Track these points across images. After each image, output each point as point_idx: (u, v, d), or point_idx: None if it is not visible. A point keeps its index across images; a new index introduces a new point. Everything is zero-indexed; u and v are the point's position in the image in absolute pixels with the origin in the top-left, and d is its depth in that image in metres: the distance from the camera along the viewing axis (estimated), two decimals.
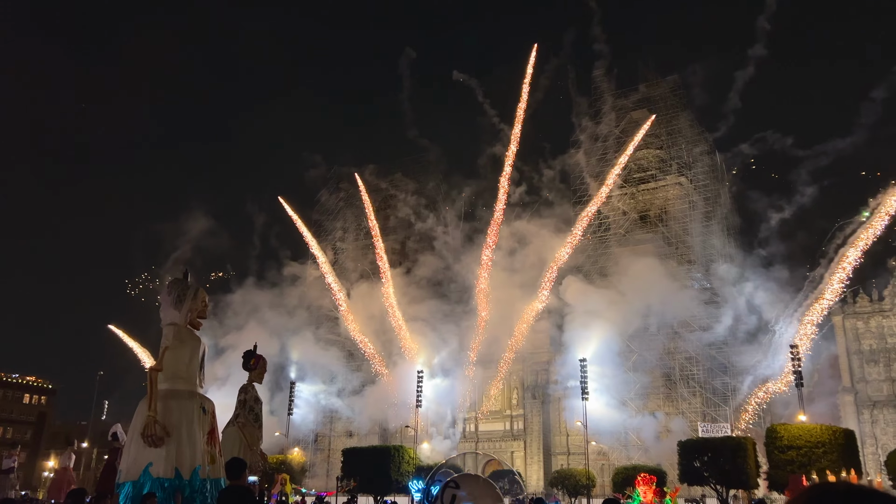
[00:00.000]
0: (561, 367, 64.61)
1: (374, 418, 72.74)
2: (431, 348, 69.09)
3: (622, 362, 64.71)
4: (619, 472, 49.39)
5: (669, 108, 71.17)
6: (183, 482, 9.75)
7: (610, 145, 72.00)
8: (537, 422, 70.26)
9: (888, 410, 56.67)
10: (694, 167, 69.54)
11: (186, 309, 10.78)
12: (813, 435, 40.90)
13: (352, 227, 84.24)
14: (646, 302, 62.67)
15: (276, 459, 55.73)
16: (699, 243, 65.71)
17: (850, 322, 59.78)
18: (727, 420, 58.02)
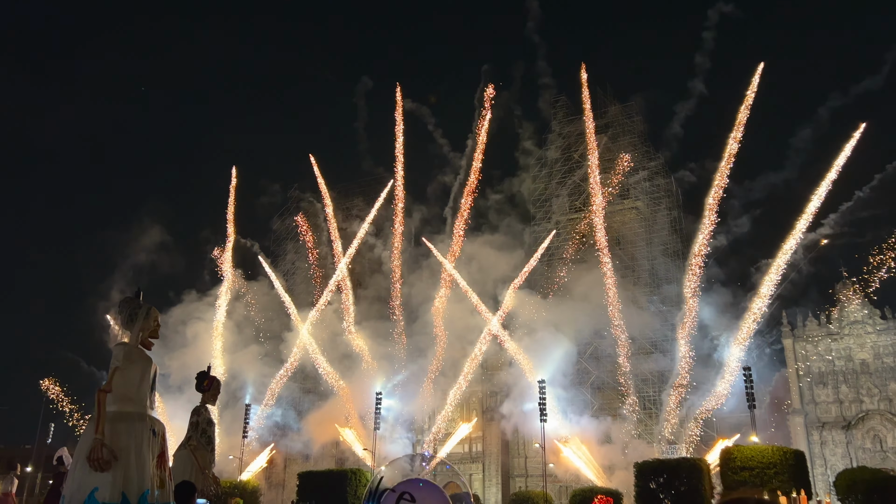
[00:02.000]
0: (519, 388, 64.76)
1: (329, 441, 71.72)
2: (388, 370, 68.65)
3: (580, 383, 65.30)
4: (577, 495, 49.49)
5: (626, 132, 72.89)
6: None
7: (558, 170, 73.50)
8: (496, 444, 70.14)
9: (836, 432, 58.12)
10: (650, 192, 71.12)
11: (138, 328, 10.52)
12: (765, 456, 41.64)
13: (303, 253, 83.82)
14: (603, 323, 63.61)
15: (229, 483, 54.45)
16: (652, 266, 67.05)
17: (799, 345, 61.36)
18: (682, 441, 58.82)
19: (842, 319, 60.60)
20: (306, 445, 72.70)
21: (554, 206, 73.74)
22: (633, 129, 73.38)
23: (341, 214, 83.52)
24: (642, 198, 71.27)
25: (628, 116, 73.93)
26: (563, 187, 73.90)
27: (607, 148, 74.29)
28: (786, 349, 61.76)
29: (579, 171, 74.67)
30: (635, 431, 61.38)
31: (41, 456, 78.91)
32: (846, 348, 59.79)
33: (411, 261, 75.46)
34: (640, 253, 68.60)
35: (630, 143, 72.66)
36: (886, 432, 56.49)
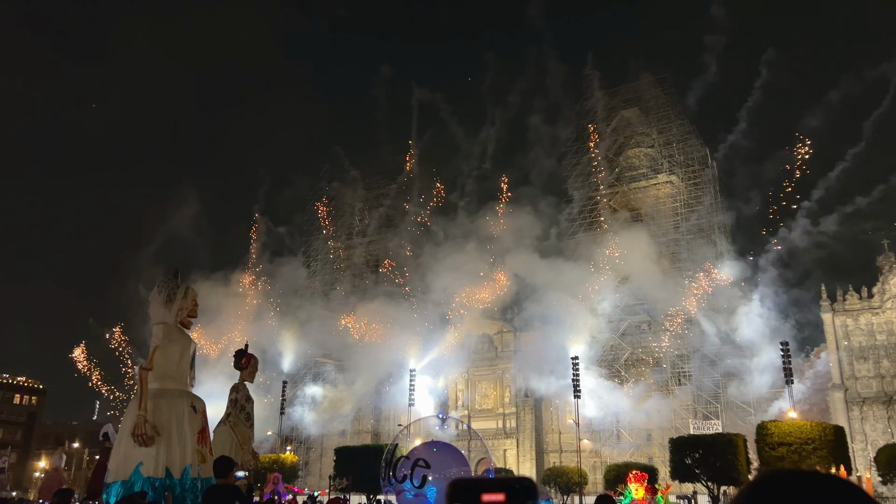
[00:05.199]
0: (554, 363, 64.84)
1: (366, 417, 72.91)
2: (422, 349, 69.18)
3: (615, 359, 65.09)
4: (611, 470, 49.52)
5: (660, 106, 71.56)
6: (173, 481, 9.75)
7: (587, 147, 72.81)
8: (530, 420, 70.46)
9: (877, 407, 57.10)
10: (685, 166, 69.90)
11: (176, 308, 10.78)
12: (803, 432, 41.12)
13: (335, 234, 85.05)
14: (638, 298, 63.21)
15: (268, 459, 55.65)
16: (688, 241, 66.12)
17: (839, 319, 60.15)
18: (718, 417, 58.38)
19: (883, 293, 59.20)
20: (342, 421, 73.96)
21: (587, 181, 72.98)
22: (666, 101, 71.97)
23: (367, 198, 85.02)
24: (677, 171, 70.11)
25: (662, 89, 72.43)
26: (595, 163, 73.00)
27: (640, 121, 73.26)
28: (825, 323, 60.60)
29: (614, 145, 73.77)
30: (670, 407, 61.07)
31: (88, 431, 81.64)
32: (888, 322, 58.45)
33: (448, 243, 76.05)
34: (676, 227, 67.58)
35: (664, 116, 71.38)
36: None
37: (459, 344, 71.59)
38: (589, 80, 74.89)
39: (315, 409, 74.30)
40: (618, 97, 74.81)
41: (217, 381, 53.49)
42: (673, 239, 66.66)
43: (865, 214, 62.19)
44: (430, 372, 70.23)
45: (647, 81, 72.60)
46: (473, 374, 73.18)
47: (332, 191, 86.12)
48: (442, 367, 70.72)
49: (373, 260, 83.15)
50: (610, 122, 74.16)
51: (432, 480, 13.84)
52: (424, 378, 69.05)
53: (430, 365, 69.69)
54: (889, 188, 61.56)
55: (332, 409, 73.59)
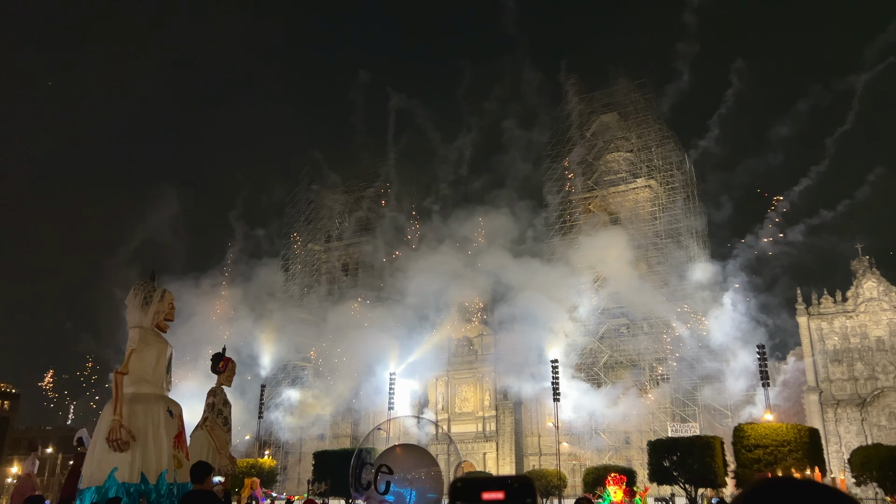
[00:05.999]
0: (533, 366, 65.07)
1: (345, 421, 72.58)
2: (402, 352, 69.10)
3: (594, 363, 65.45)
4: (590, 472, 49.74)
5: (639, 111, 72.17)
6: (149, 487, 9.62)
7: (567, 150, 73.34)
8: (509, 423, 70.59)
9: (851, 409, 57.95)
10: (664, 171, 70.52)
11: (153, 311, 10.65)
12: (779, 434, 41.60)
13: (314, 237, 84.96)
14: (617, 302, 63.67)
15: (246, 463, 55.18)
16: (666, 245, 66.69)
17: (814, 323, 61.00)
18: (696, 420, 58.90)
19: (857, 297, 60.15)
20: (321, 425, 73.57)
21: (565, 185, 73.38)
22: (645, 106, 72.58)
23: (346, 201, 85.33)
24: (655, 176, 70.68)
25: (641, 94, 72.97)
26: (575, 166, 73.44)
27: (618, 126, 73.88)
28: (801, 327, 61.43)
29: (593, 149, 74.27)
30: (648, 410, 61.50)
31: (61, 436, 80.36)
32: (861, 325, 59.39)
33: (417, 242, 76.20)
34: (654, 231, 68.13)
35: (643, 121, 71.98)
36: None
37: (439, 347, 71.68)
38: (567, 86, 75.49)
39: (293, 413, 73.82)
40: (596, 102, 75.40)
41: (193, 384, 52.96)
42: (651, 243, 67.18)
43: (830, 225, 63.99)
44: (409, 375, 70.14)
45: (626, 86, 73.24)
46: (453, 377, 73.22)
47: (312, 194, 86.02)
48: (422, 370, 70.68)
49: (352, 263, 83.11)
50: (589, 127, 74.66)
51: (396, 484, 13.80)
52: (404, 381, 68.95)
53: (409, 368, 69.61)
54: (854, 203, 63.52)
55: (311, 413, 73.16)
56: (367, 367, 68.78)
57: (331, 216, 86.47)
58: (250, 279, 76.72)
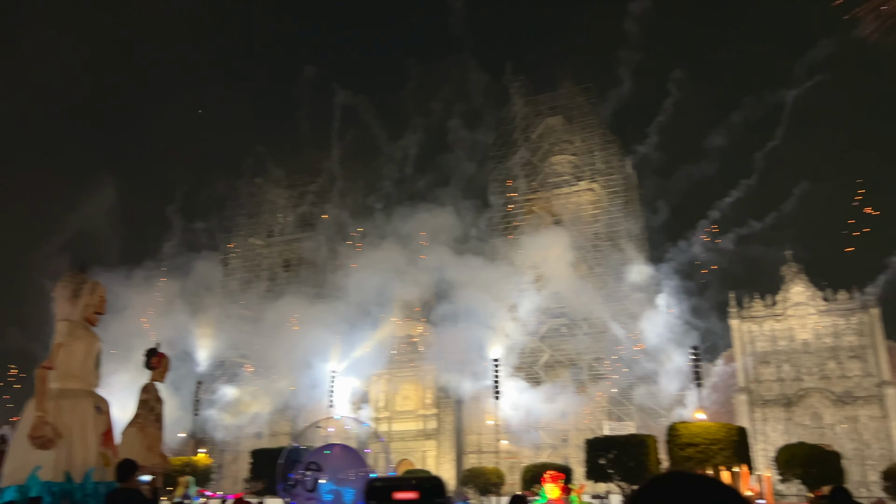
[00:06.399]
0: (475, 365, 65.47)
1: (284, 419, 71.57)
2: (343, 350, 68.53)
3: (534, 362, 66.31)
4: (529, 470, 50.35)
5: (584, 115, 73.42)
6: (74, 486, 9.26)
7: (513, 151, 74.13)
8: (450, 421, 70.88)
9: (778, 409, 60.28)
10: (606, 175, 71.93)
11: (83, 304, 10.27)
12: (710, 433, 42.93)
13: (255, 232, 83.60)
14: (557, 302, 64.65)
15: (180, 462, 53.85)
16: (607, 247, 68.10)
17: (746, 325, 63.21)
18: (632, 418, 60.33)
19: (786, 301, 62.60)
20: (259, 423, 72.33)
21: (508, 187, 74.08)
22: (590, 111, 73.84)
23: (289, 196, 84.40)
24: (598, 179, 72.02)
25: (586, 98, 74.22)
26: (519, 168, 74.20)
27: (564, 129, 75.02)
28: (732, 329, 63.57)
29: (538, 151, 75.16)
30: (586, 408, 62.65)
31: None
32: (789, 329, 61.84)
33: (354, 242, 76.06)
34: (595, 234, 69.42)
35: (587, 125, 73.24)
36: (824, 409, 58.82)
37: (381, 344, 71.37)
38: (514, 88, 76.23)
39: (230, 410, 72.39)
40: (542, 104, 76.33)
41: (124, 379, 51.33)
42: (592, 245, 68.44)
43: (760, 235, 66.89)
44: (351, 373, 69.63)
45: (571, 90, 74.36)
46: (395, 374, 73.06)
47: (254, 188, 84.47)
48: (363, 367, 70.26)
49: (294, 259, 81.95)
50: (535, 129, 75.55)
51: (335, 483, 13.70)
52: (345, 379, 68.43)
53: (351, 366, 69.09)
54: (781, 214, 66.53)
55: (248, 411, 71.87)
56: (307, 364, 67.95)
57: (273, 211, 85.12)
58: (188, 273, 74.80)
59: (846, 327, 60.10)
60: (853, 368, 59.06)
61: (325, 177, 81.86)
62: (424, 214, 70.37)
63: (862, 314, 59.63)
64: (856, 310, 59.92)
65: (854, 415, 57.91)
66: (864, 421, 57.52)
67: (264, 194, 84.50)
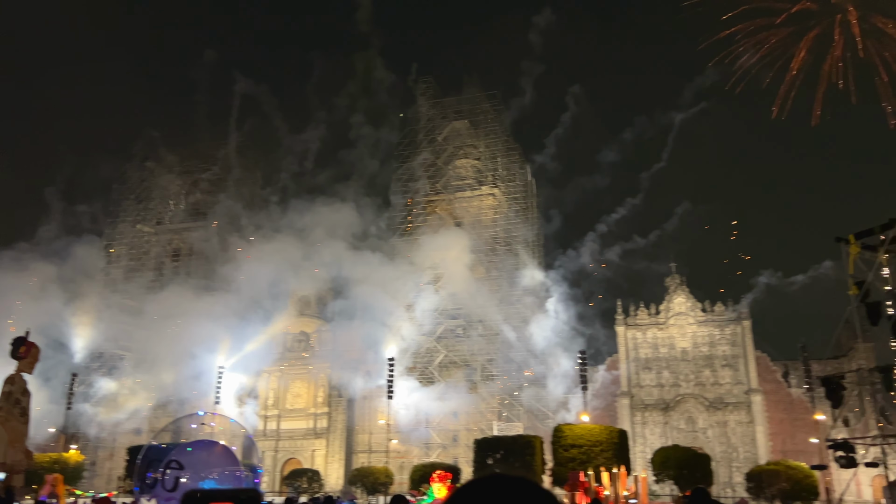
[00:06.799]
0: (370, 364, 65.14)
1: (166, 415, 68.43)
2: (233, 345, 66.36)
3: (429, 362, 66.67)
4: (418, 470, 50.60)
5: (489, 121, 74.61)
6: None
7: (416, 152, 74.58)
8: (341, 420, 70.08)
9: (656, 413, 63.42)
10: (507, 181, 73.40)
11: None
12: (593, 435, 44.69)
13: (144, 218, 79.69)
14: (456, 304, 65.34)
15: (48, 458, 50.49)
16: (505, 251, 69.49)
17: (630, 332, 66.15)
18: (520, 420, 61.80)
19: (668, 310, 65.99)
20: (138, 419, 68.86)
21: (412, 186, 74.19)
22: (494, 117, 75.07)
23: (182, 184, 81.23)
24: (499, 185, 73.36)
25: (491, 105, 75.39)
26: (423, 169, 74.44)
27: (469, 133, 75.97)
28: (618, 336, 66.34)
29: (443, 154, 75.65)
30: (477, 409, 63.62)
31: None
32: (670, 337, 65.24)
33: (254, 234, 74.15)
34: (494, 238, 70.63)
35: (491, 131, 74.46)
36: (698, 414, 62.43)
37: (274, 340, 69.73)
38: (418, 90, 76.48)
39: (107, 404, 68.53)
40: (448, 108, 76.91)
41: None
42: (490, 248, 69.64)
43: (643, 251, 70.76)
44: (240, 369, 67.53)
45: (478, 96, 75.39)
46: (287, 371, 71.49)
47: (145, 173, 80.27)
48: (254, 363, 68.35)
49: (185, 249, 78.56)
50: (441, 132, 76.04)
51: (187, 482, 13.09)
52: (234, 375, 66.33)
53: (241, 361, 66.99)
54: (664, 233, 70.67)
55: (127, 406, 68.26)
56: (193, 358, 65.30)
57: (164, 198, 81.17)
58: (66, 258, 70.19)
59: (721, 337, 64.07)
60: (725, 376, 63.02)
61: (221, 165, 79.05)
62: (323, 208, 69.34)
63: (735, 325, 63.73)
64: (730, 321, 63.97)
65: (724, 420, 61.78)
66: (732, 426, 61.47)
67: (155, 179, 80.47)
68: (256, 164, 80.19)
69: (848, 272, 25.00)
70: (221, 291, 67.29)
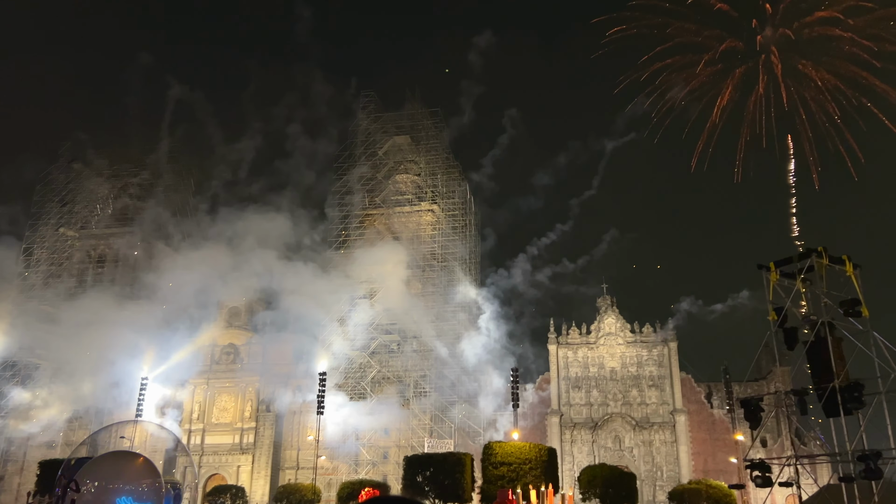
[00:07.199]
0: (300, 378, 63.98)
1: (82, 428, 65.45)
2: (158, 356, 64.08)
3: (362, 377, 65.92)
4: (346, 487, 49.83)
5: (430, 137, 74.90)
6: None
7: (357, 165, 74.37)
8: (269, 435, 68.41)
9: (585, 432, 64.39)
10: (447, 198, 73.70)
11: None
12: (522, 453, 44.94)
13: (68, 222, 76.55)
14: (391, 319, 64.93)
15: None
16: (442, 268, 69.58)
17: (562, 351, 67.12)
18: (452, 437, 61.66)
19: (599, 330, 67.30)
20: (53, 431, 65.56)
21: (349, 199, 73.62)
22: (435, 134, 75.41)
23: (110, 188, 78.58)
24: (439, 201, 73.57)
25: (433, 122, 75.72)
26: (361, 182, 74.00)
27: (410, 149, 76.09)
28: (551, 354, 67.21)
29: (383, 168, 75.41)
30: (408, 426, 63.18)
31: None
32: (600, 356, 66.51)
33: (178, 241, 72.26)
34: (431, 254, 70.64)
35: (432, 148, 74.73)
36: (625, 433, 63.69)
37: (201, 352, 67.77)
38: (358, 104, 76.31)
39: (19, 416, 65.02)
40: (390, 122, 76.84)
41: None
42: (428, 264, 69.61)
43: (573, 275, 72.50)
44: (165, 381, 65.24)
45: (419, 112, 75.64)
46: (214, 384, 69.46)
47: (71, 174, 77.07)
48: (179, 375, 66.17)
49: (110, 255, 75.63)
50: (381, 146, 75.85)
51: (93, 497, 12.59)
52: (158, 387, 64.01)
53: (165, 373, 64.70)
54: (592, 259, 72.60)
55: (41, 417, 64.89)
56: (114, 369, 62.65)
57: (91, 201, 77.97)
58: None
59: (648, 358, 65.73)
60: (652, 396, 64.59)
61: (151, 171, 76.82)
62: (255, 216, 68.05)
63: (662, 347, 65.50)
64: (657, 343, 65.72)
65: (650, 439, 63.21)
66: (657, 445, 62.95)
67: (82, 182, 77.30)
68: (189, 171, 78.13)
69: (768, 298, 26.01)
70: (146, 300, 65.01)
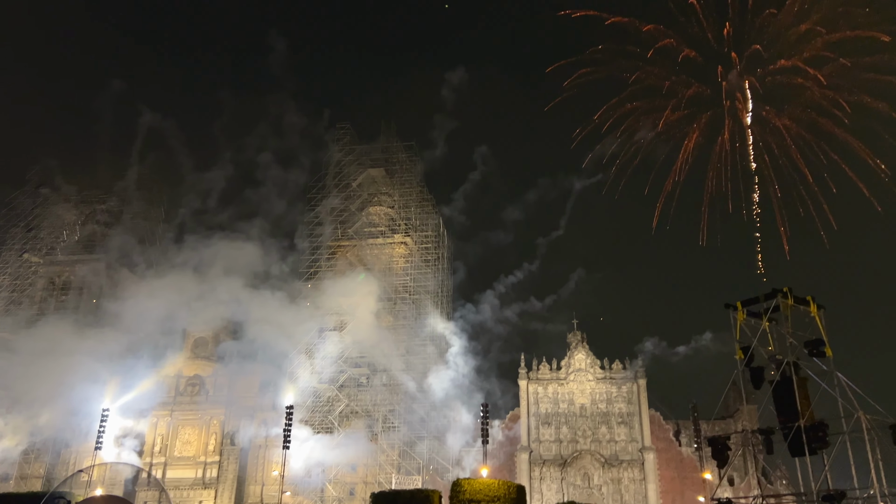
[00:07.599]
0: (266, 412, 62.85)
1: (38, 461, 63.38)
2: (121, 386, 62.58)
3: (329, 411, 64.99)
4: None
5: (404, 171, 75.24)
6: None
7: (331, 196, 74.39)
8: (233, 470, 66.82)
9: (554, 468, 63.94)
10: (420, 230, 73.83)
11: None
12: (491, 489, 44.33)
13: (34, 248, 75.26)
14: (361, 352, 64.26)
15: None
16: (412, 302, 69.33)
17: (532, 387, 66.89)
18: (420, 473, 60.81)
19: (569, 366, 67.30)
20: (6, 463, 63.31)
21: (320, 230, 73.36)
22: (410, 167, 75.75)
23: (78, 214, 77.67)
24: (412, 234, 73.61)
25: (408, 155, 76.07)
26: (334, 213, 73.87)
27: (384, 181, 76.31)
28: (521, 390, 66.92)
29: (357, 200, 75.42)
30: (376, 462, 62.22)
31: None
32: (570, 392, 66.39)
33: None
34: (404, 287, 70.40)
35: (406, 181, 75.02)
36: (594, 471, 63.36)
37: (165, 384, 66.34)
38: (332, 135, 76.65)
39: None
40: (364, 154, 77.10)
41: None
42: (400, 297, 69.34)
43: (539, 314, 73.00)
44: (126, 413, 63.60)
45: (394, 145, 76.07)
46: (177, 417, 67.85)
47: (39, 199, 75.94)
48: (141, 407, 64.57)
49: (75, 281, 74.18)
50: (354, 177, 75.95)
51: None
52: (119, 419, 62.37)
53: (127, 405, 63.11)
54: (559, 298, 73.08)
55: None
56: (73, 399, 60.92)
57: (57, 227, 76.81)
58: None
59: (618, 395, 65.76)
60: (621, 433, 64.50)
61: (120, 198, 76.16)
62: (221, 243, 67.42)
63: (631, 384, 65.64)
64: (626, 380, 65.87)
65: (619, 477, 62.93)
66: (626, 483, 62.66)
67: (50, 207, 76.18)
68: (159, 199, 77.44)
69: (735, 337, 26.31)
70: (110, 328, 63.62)
